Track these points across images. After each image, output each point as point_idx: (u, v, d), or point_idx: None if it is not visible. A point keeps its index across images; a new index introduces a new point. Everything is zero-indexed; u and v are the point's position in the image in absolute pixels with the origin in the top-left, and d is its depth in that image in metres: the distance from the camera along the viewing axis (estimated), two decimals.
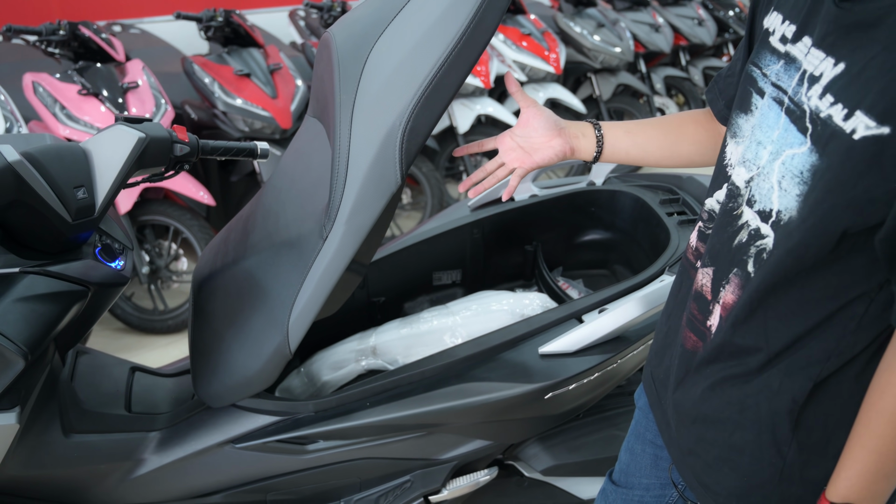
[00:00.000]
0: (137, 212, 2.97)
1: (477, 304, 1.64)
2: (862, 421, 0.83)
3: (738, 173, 0.94)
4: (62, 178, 1.09)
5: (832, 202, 0.77)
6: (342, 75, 1.12)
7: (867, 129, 0.73)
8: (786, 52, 0.88)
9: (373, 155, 1.07)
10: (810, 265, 0.82)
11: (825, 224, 0.78)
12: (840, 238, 0.78)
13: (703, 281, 0.99)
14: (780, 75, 0.89)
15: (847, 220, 0.76)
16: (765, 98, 0.91)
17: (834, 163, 0.77)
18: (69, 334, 1.22)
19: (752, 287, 0.89)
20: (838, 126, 0.76)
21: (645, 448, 1.20)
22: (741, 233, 0.91)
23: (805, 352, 0.87)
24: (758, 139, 0.90)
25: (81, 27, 3.01)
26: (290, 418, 1.32)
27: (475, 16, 1.01)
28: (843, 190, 0.76)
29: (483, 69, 4.04)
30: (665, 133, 1.23)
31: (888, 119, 0.71)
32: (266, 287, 1.24)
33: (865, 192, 0.74)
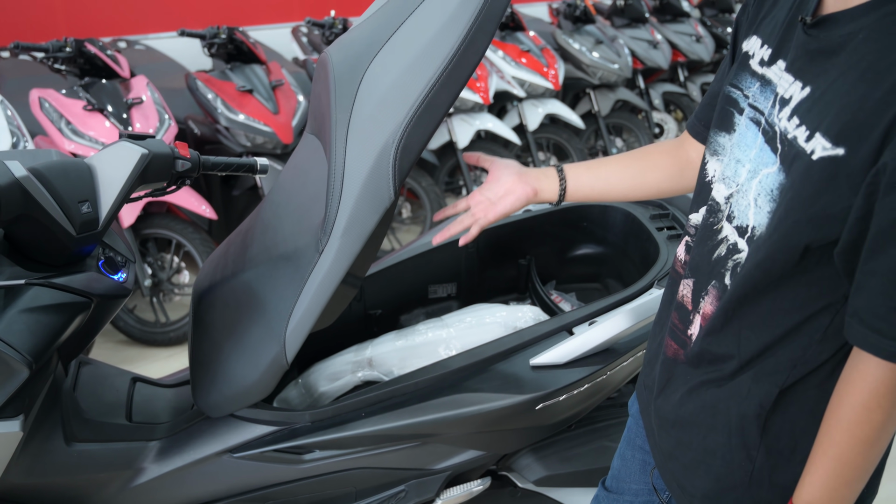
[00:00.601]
0: (140, 225, 3.00)
1: (471, 316, 1.67)
2: (823, 429, 0.86)
3: (718, 189, 0.98)
4: (67, 192, 1.12)
5: (795, 218, 0.81)
6: (338, 94, 1.16)
7: (824, 150, 0.77)
8: (762, 74, 0.93)
9: (367, 171, 1.10)
10: (777, 277, 0.86)
11: (789, 239, 0.82)
12: (803, 252, 0.82)
13: (684, 292, 1.03)
14: (756, 97, 0.93)
15: (808, 236, 0.80)
16: (743, 117, 0.95)
17: (796, 181, 0.81)
18: (72, 345, 1.24)
19: (726, 298, 0.93)
20: (801, 147, 0.81)
21: (635, 454, 1.22)
22: (720, 247, 0.95)
23: (773, 360, 0.91)
24: (737, 157, 0.94)
25: (87, 44, 3.06)
26: (286, 428, 1.34)
27: (465, 38, 1.05)
28: (803, 207, 0.80)
29: (482, 85, 4.08)
30: (628, 164, 1.26)
31: (842, 141, 0.75)
32: (264, 299, 1.27)
33: (823, 209, 0.78)
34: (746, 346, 0.93)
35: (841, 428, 0.83)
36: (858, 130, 0.74)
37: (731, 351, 0.95)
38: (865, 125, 0.74)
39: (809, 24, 0.85)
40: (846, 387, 0.83)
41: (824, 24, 0.83)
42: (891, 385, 0.79)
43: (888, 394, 0.79)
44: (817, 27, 0.84)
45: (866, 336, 0.78)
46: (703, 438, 0.99)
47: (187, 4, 4.68)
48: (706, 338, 0.97)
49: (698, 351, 0.99)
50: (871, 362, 0.79)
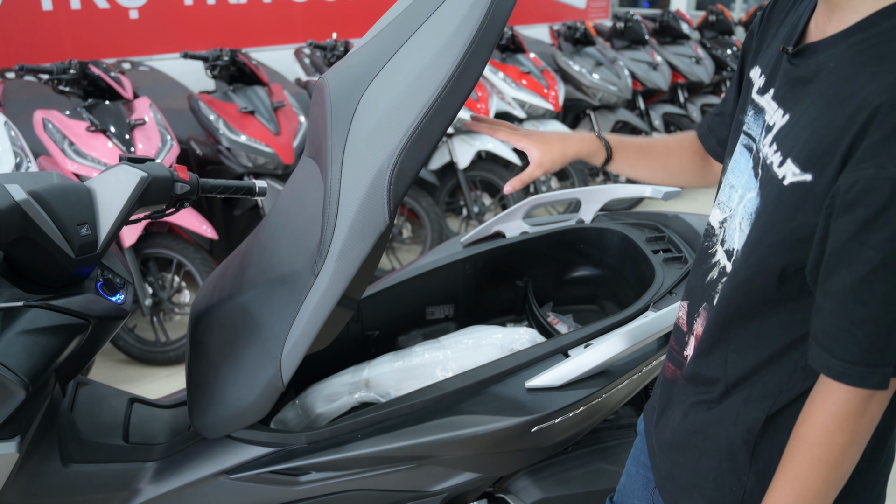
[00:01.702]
0: (142, 245, 3.02)
1: (468, 338, 1.68)
2: (787, 449, 0.86)
3: (714, 214, 1.02)
4: (67, 215, 1.14)
5: (769, 242, 0.84)
6: (334, 119, 1.18)
7: (794, 175, 0.81)
8: (757, 102, 0.96)
9: (362, 195, 1.12)
10: (760, 301, 0.88)
11: (764, 262, 0.86)
12: (781, 275, 0.84)
13: (680, 314, 1.06)
14: (751, 124, 0.96)
15: (784, 259, 0.83)
16: (739, 144, 0.99)
17: (769, 206, 0.85)
18: (70, 366, 1.25)
19: (712, 320, 0.95)
20: (774, 172, 0.84)
21: (639, 470, 1.23)
22: (713, 270, 0.99)
23: (759, 385, 0.92)
24: (731, 183, 0.98)
25: (91, 66, 3.10)
26: (283, 450, 1.34)
27: (460, 64, 1.07)
28: (776, 231, 0.83)
29: (483, 106, 4.10)
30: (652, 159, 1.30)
31: (809, 167, 0.79)
32: (260, 321, 1.27)
33: (794, 233, 0.81)
34: (732, 369, 0.94)
35: (802, 448, 0.83)
36: (823, 157, 0.77)
37: (718, 374, 0.97)
38: (829, 152, 0.76)
39: (791, 53, 0.88)
40: (810, 407, 0.84)
41: (804, 53, 0.86)
42: (852, 408, 0.79)
43: (849, 416, 0.79)
44: (799, 56, 0.87)
45: (819, 356, 0.80)
46: (696, 462, 1.00)
47: (191, 27, 4.74)
48: (697, 359, 1.00)
49: (691, 372, 1.01)
50: (833, 384, 0.80)
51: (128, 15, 4.48)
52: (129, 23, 4.50)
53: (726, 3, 10.26)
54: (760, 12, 1.06)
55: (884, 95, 0.72)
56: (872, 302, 0.74)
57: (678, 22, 5.81)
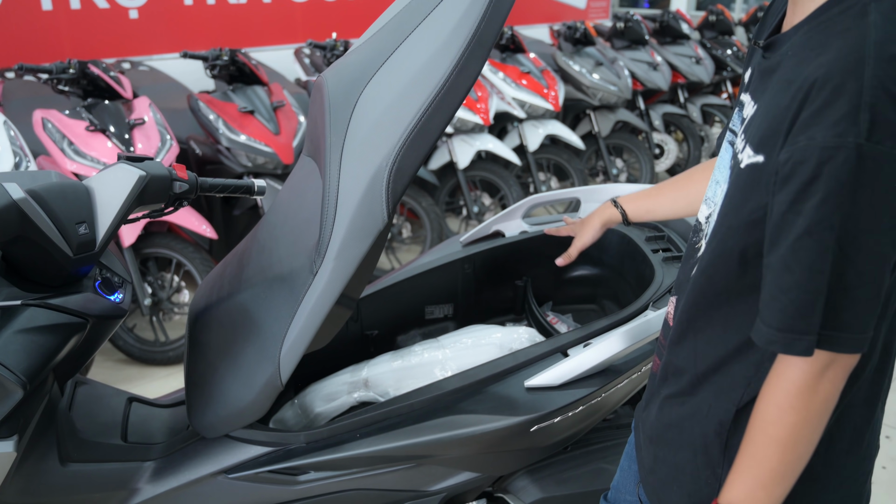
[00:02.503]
0: (141, 244, 3.01)
1: (467, 337, 1.67)
2: (751, 433, 0.87)
3: (701, 210, 1.03)
4: (65, 214, 1.13)
5: (728, 224, 0.87)
6: (332, 118, 1.17)
7: (749, 158, 0.84)
8: (741, 100, 0.99)
9: (360, 194, 1.12)
10: (723, 288, 0.91)
11: (724, 244, 0.88)
12: (741, 260, 0.86)
13: (670, 309, 1.09)
14: (734, 121, 0.99)
15: (741, 241, 0.86)
16: (724, 140, 1.02)
17: (729, 189, 0.88)
18: (68, 365, 1.24)
19: (681, 308, 0.97)
20: (738, 158, 0.88)
21: (631, 465, 1.24)
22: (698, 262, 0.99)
23: (729, 377, 0.93)
24: (716, 178, 1.00)
25: (90, 66, 3.09)
26: (281, 449, 1.33)
27: (458, 63, 1.07)
28: (734, 213, 0.86)
29: (483, 106, 4.10)
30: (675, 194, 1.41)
31: (761, 148, 0.82)
32: (258, 320, 1.27)
33: (750, 214, 0.84)
34: (701, 360, 0.96)
35: (757, 427, 0.84)
36: (773, 137, 0.80)
37: (688, 365, 0.98)
38: (776, 132, 0.79)
39: (763, 46, 0.92)
40: (765, 387, 0.84)
41: (773, 46, 0.90)
42: (801, 386, 0.80)
43: (799, 394, 0.80)
44: (769, 49, 0.91)
45: (756, 326, 0.81)
46: (673, 455, 1.02)
47: (191, 27, 4.74)
48: (670, 348, 1.01)
49: (665, 362, 1.03)
50: (785, 362, 0.81)
51: (127, 15, 4.48)
52: (129, 22, 4.50)
53: (726, 4, 10.27)
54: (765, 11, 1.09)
55: (818, 72, 0.75)
56: (798, 269, 0.76)
57: (678, 22, 5.81)
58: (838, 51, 0.75)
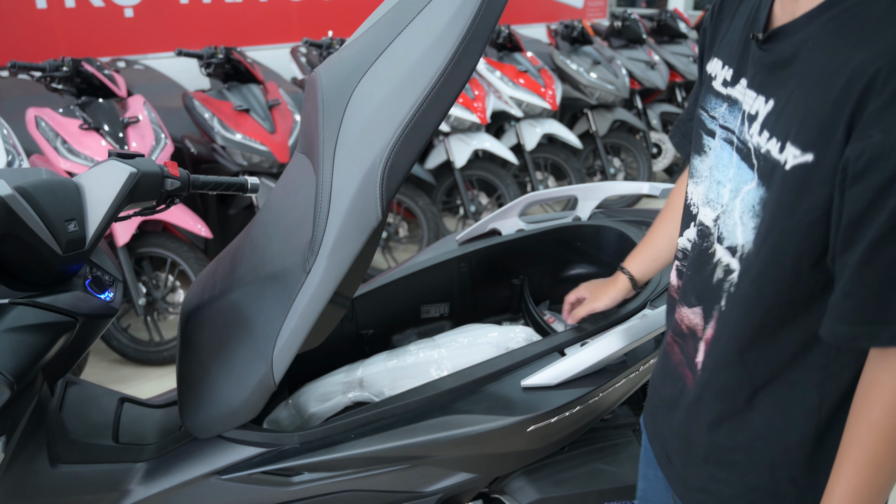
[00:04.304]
0: (135, 244, 3.00)
1: (463, 337, 1.66)
2: (851, 437, 0.83)
3: (704, 213, 0.99)
4: (54, 211, 1.12)
5: (779, 230, 0.83)
6: (326, 114, 1.16)
7: (795, 158, 0.80)
8: (727, 94, 0.96)
9: (354, 191, 1.10)
10: (774, 296, 0.86)
11: (776, 252, 0.84)
12: (795, 266, 0.83)
13: (693, 319, 1.02)
14: (726, 117, 0.96)
15: (795, 248, 0.82)
16: (716, 139, 0.98)
17: (776, 193, 0.83)
18: (58, 364, 1.23)
19: (724, 320, 0.92)
20: (775, 159, 0.83)
21: (657, 473, 1.20)
22: (717, 270, 0.96)
23: (790, 386, 0.90)
24: (717, 179, 0.97)
25: (84, 64, 3.07)
26: (275, 450, 1.32)
27: (453, 58, 1.06)
28: (785, 217, 0.82)
29: (480, 105, 4.09)
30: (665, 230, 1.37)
31: (810, 147, 0.78)
32: (251, 319, 1.26)
33: (804, 216, 0.80)
34: (756, 374, 0.92)
35: (874, 432, 0.80)
36: (823, 134, 0.77)
37: (738, 381, 0.94)
38: (828, 128, 0.76)
39: (761, 39, 0.88)
40: (874, 389, 0.80)
41: (775, 38, 0.87)
42: None
43: None
44: (769, 42, 0.87)
45: (826, 324, 0.80)
46: (741, 476, 0.96)
47: (187, 25, 4.72)
48: (713, 364, 0.96)
49: (707, 379, 0.97)
50: (881, 362, 0.79)
51: (123, 13, 4.46)
52: (124, 21, 4.47)
53: None
54: (710, 8, 1.06)
55: (878, 62, 0.72)
56: (881, 265, 0.74)
57: (676, 21, 5.80)
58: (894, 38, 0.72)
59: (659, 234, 1.39)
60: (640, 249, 1.45)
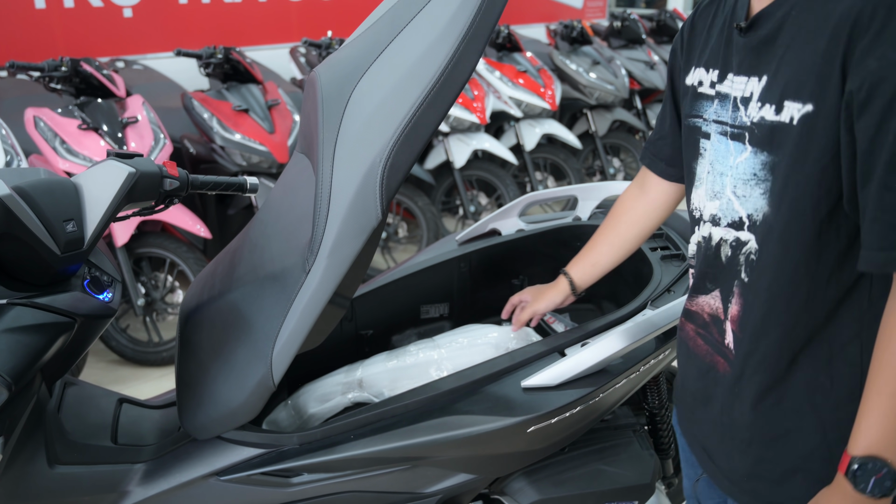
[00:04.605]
0: (134, 244, 2.99)
1: (463, 337, 1.65)
2: (877, 368, 0.83)
3: (711, 207, 1.02)
4: (52, 211, 1.12)
5: (794, 183, 0.87)
6: (325, 113, 1.16)
7: (798, 111, 0.85)
8: (717, 92, 1.01)
9: (354, 190, 1.10)
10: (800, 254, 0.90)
11: (796, 206, 0.88)
12: (814, 215, 0.87)
13: (713, 304, 1.05)
14: (718, 112, 1.00)
15: (812, 197, 0.86)
16: (711, 138, 1.02)
17: (785, 151, 0.88)
18: (56, 365, 1.22)
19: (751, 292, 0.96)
20: (775, 121, 0.88)
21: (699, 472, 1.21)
22: (722, 248, 1.00)
23: (828, 343, 0.92)
24: (719, 171, 1.00)
25: (83, 63, 3.07)
26: (274, 451, 1.31)
27: (453, 57, 1.05)
28: (799, 169, 0.86)
29: (479, 105, 4.09)
30: (608, 237, 1.44)
31: (809, 98, 0.84)
32: (250, 319, 1.25)
33: (815, 165, 0.85)
34: (795, 337, 0.93)
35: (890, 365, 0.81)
36: (819, 83, 0.83)
37: (779, 348, 0.95)
38: (822, 76, 0.82)
39: (745, 27, 0.94)
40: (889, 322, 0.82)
41: (758, 22, 0.93)
42: None
43: None
44: (752, 28, 0.93)
45: (863, 255, 0.82)
46: (792, 448, 0.97)
47: (186, 25, 4.71)
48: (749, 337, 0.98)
49: (746, 352, 0.98)
50: None
51: (122, 13, 4.45)
52: (123, 21, 4.47)
53: None
54: (679, 33, 1.15)
55: (858, 4, 0.79)
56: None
57: (675, 21, 5.81)
58: None
59: (600, 241, 1.45)
60: (581, 254, 1.50)
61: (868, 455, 0.82)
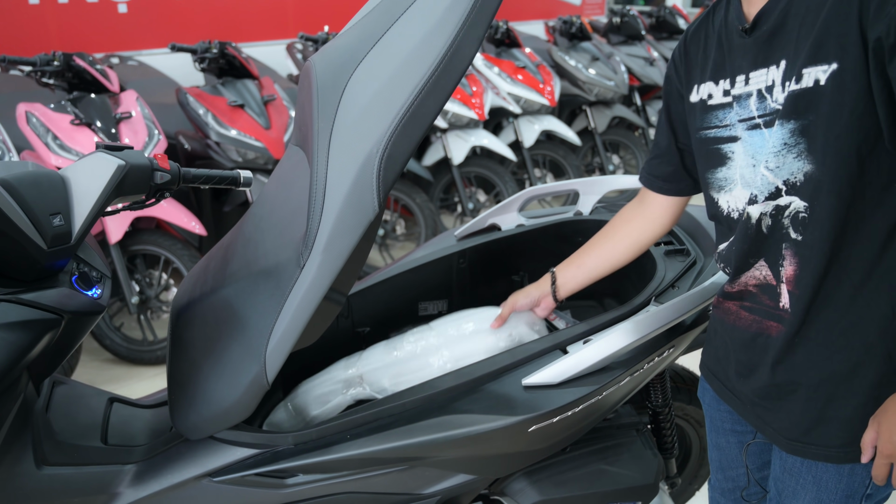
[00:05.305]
0: (129, 241, 2.97)
1: (465, 322, 1.60)
2: None
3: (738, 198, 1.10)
4: (38, 204, 1.09)
5: (835, 135, 0.93)
6: (320, 103, 1.13)
7: (824, 72, 0.91)
8: (733, 97, 1.07)
9: (350, 183, 1.07)
10: (850, 193, 0.95)
11: (839, 155, 0.94)
12: (858, 158, 0.93)
13: (760, 275, 1.10)
14: (740, 113, 1.06)
15: (853, 141, 0.92)
16: (740, 139, 1.07)
17: (820, 112, 0.93)
18: (43, 363, 1.20)
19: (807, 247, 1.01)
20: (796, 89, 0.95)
21: (728, 438, 1.31)
22: (762, 222, 1.05)
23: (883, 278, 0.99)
24: (753, 163, 1.06)
25: (76, 58, 3.04)
26: (269, 451, 1.29)
27: (452, 44, 1.03)
28: (835, 123, 0.92)
29: (478, 101, 4.07)
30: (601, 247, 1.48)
31: (832, 58, 0.91)
32: (243, 316, 1.23)
33: (851, 113, 0.91)
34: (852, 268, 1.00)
35: None
36: (838, 43, 0.89)
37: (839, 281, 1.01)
38: (840, 35, 0.89)
39: (749, 28, 1.02)
40: None
41: (760, 20, 1.00)
42: None
43: None
44: (756, 27, 1.01)
45: None
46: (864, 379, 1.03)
47: (182, 21, 4.69)
48: (808, 286, 1.02)
49: (805, 306, 1.04)
50: None
51: (116, 9, 4.43)
52: (118, 17, 4.45)
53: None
54: (671, 61, 1.23)
55: None
56: None
57: (675, 17, 5.80)
58: None
59: (592, 247, 1.49)
60: (572, 258, 1.52)
61: None
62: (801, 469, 1.13)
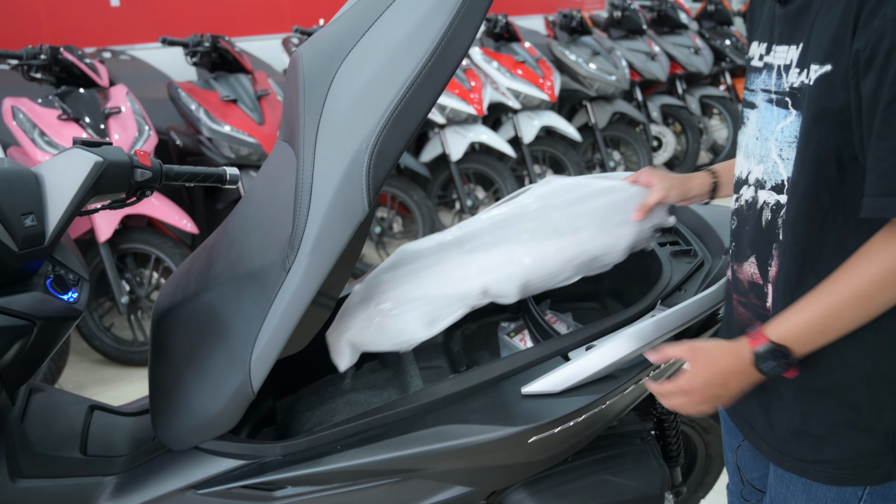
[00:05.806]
0: (118, 239, 2.92)
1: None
2: (832, 279, 0.92)
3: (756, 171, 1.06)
4: (8, 204, 1.06)
5: (816, 138, 0.92)
6: (307, 96, 1.08)
7: (815, 72, 0.91)
8: (764, 63, 1.06)
9: (337, 181, 1.02)
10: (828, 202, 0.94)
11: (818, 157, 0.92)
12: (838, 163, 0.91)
13: (750, 269, 1.09)
14: (765, 81, 1.04)
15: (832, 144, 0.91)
16: (757, 106, 1.06)
17: (808, 111, 0.93)
18: (17, 371, 1.16)
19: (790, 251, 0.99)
20: (803, 83, 0.94)
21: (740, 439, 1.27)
22: (764, 213, 1.03)
23: None
24: (765, 136, 1.04)
25: (64, 52, 2.98)
26: (255, 462, 1.25)
27: (447, 33, 0.99)
28: (818, 125, 0.91)
29: (476, 96, 4.04)
30: None
31: (828, 59, 0.89)
32: (227, 322, 1.18)
33: (835, 118, 0.90)
34: None
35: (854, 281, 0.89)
36: (837, 43, 0.88)
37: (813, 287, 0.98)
38: (839, 37, 0.87)
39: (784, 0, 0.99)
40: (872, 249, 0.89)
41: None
42: None
43: None
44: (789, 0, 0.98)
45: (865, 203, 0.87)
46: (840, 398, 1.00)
47: (175, 15, 4.65)
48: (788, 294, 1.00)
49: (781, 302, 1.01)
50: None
51: (108, 2, 4.38)
52: (111, 11, 4.40)
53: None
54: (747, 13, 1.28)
55: None
56: (890, 134, 0.82)
57: (676, 12, 5.76)
58: None
59: None
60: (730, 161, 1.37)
61: (781, 343, 0.94)
62: (792, 476, 1.10)
